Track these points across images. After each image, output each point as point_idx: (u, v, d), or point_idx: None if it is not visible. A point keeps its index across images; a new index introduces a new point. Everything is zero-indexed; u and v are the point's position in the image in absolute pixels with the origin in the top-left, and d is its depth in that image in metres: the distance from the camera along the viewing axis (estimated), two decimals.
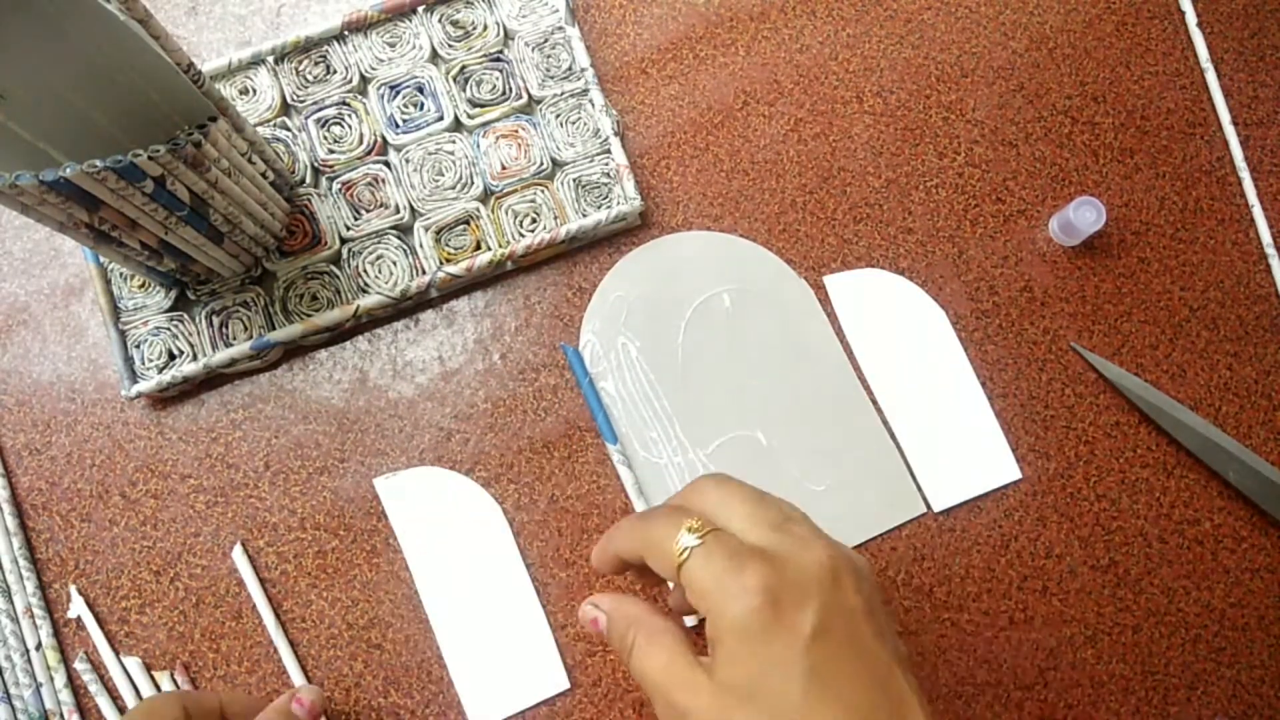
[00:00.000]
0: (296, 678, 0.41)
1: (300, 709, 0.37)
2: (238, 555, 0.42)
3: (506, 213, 0.45)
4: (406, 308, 0.45)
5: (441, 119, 0.45)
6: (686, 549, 0.29)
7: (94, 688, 0.41)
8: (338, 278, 0.44)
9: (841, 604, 0.29)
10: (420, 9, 0.46)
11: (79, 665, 0.41)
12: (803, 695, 0.27)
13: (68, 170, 0.31)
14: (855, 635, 0.29)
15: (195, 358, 0.43)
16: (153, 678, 0.41)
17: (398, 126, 0.46)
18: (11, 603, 0.42)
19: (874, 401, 0.44)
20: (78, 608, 0.41)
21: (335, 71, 0.46)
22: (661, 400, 0.44)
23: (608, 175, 0.45)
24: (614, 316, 0.45)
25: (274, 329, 0.43)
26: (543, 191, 0.45)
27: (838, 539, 0.32)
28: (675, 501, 0.32)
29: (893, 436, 0.44)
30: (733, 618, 0.28)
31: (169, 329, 0.44)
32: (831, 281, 0.45)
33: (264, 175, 0.42)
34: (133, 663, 0.41)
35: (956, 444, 0.44)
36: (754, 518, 0.31)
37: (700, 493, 0.32)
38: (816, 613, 0.28)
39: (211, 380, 0.44)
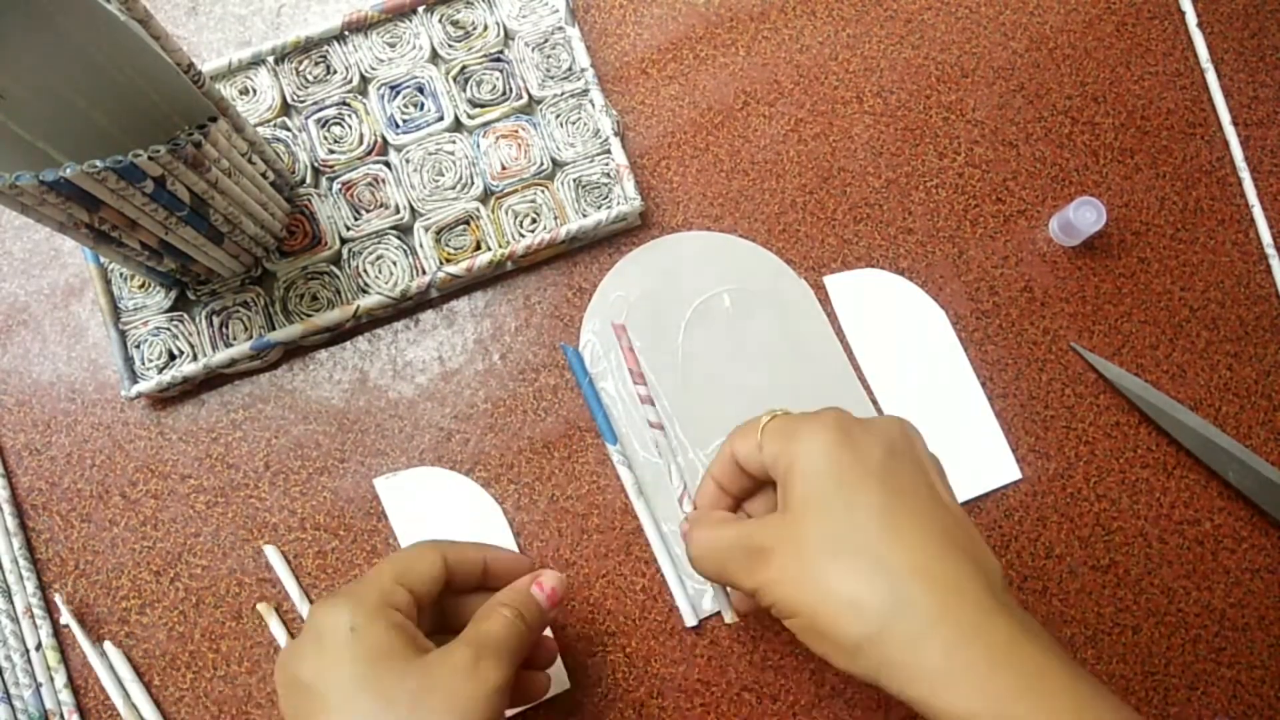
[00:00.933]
0: None
1: (540, 593, 0.35)
2: (271, 554, 0.42)
3: (506, 213, 0.45)
4: (406, 308, 0.45)
5: (441, 119, 0.45)
6: (770, 414, 0.33)
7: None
8: (338, 278, 0.44)
9: (913, 450, 0.31)
10: (420, 9, 0.46)
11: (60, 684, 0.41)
12: (880, 498, 0.29)
13: (68, 170, 0.31)
14: (926, 475, 0.31)
15: (195, 358, 0.43)
16: (144, 683, 0.41)
17: (398, 126, 0.46)
18: (11, 603, 0.42)
19: (874, 402, 0.44)
20: (67, 616, 0.41)
21: (335, 71, 0.46)
22: (661, 400, 0.44)
23: (608, 175, 0.45)
24: (614, 316, 0.45)
25: (274, 329, 0.43)
26: (543, 191, 0.45)
27: None
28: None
29: None
30: (809, 446, 0.30)
31: (169, 329, 0.44)
32: (831, 281, 0.45)
33: (264, 175, 0.42)
34: (123, 669, 0.41)
35: (956, 444, 0.44)
36: (829, 408, 0.33)
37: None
38: (888, 445, 0.30)
39: (211, 380, 0.44)
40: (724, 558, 0.32)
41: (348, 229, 0.44)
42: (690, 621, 0.41)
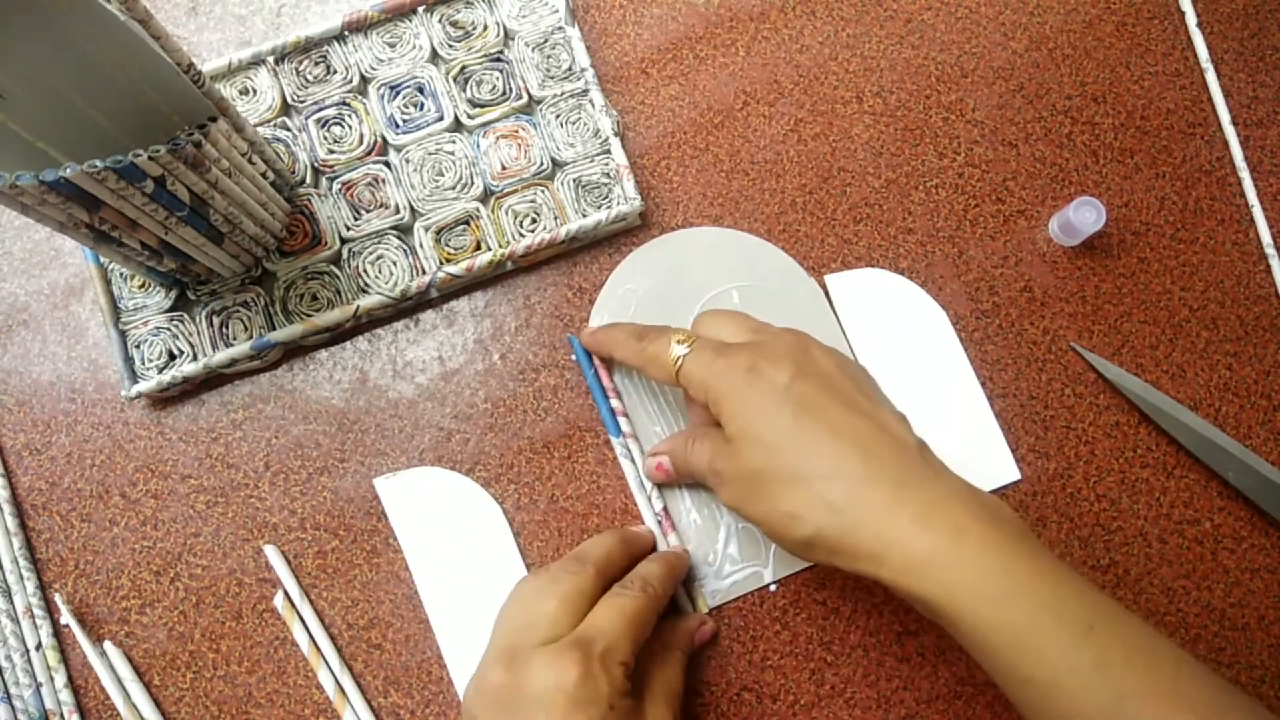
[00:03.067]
0: (330, 680, 0.41)
1: (701, 641, 0.41)
2: (271, 553, 0.42)
3: (506, 213, 0.45)
4: (406, 308, 0.45)
5: (441, 119, 0.45)
6: (679, 357, 0.36)
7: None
8: (338, 278, 0.44)
9: (812, 364, 0.35)
10: (420, 9, 0.46)
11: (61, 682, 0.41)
12: (790, 421, 0.33)
13: (68, 170, 0.31)
14: (829, 382, 0.35)
15: (195, 358, 0.43)
16: (144, 683, 0.41)
17: (398, 126, 0.46)
18: (11, 603, 0.42)
19: None
20: (67, 616, 0.41)
21: (335, 71, 0.46)
22: (667, 394, 0.44)
23: (608, 175, 0.45)
24: (622, 310, 0.45)
25: (274, 329, 0.43)
26: (543, 191, 0.45)
27: None
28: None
29: None
30: (725, 386, 0.34)
31: (169, 329, 0.44)
32: (833, 280, 0.45)
33: (264, 175, 0.42)
34: (123, 669, 0.41)
35: (956, 444, 0.44)
36: (735, 325, 0.38)
37: (695, 321, 0.40)
38: (789, 368, 0.34)
39: (211, 380, 0.44)
40: (704, 477, 0.37)
41: (348, 229, 0.44)
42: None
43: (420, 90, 0.46)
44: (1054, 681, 0.29)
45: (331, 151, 0.45)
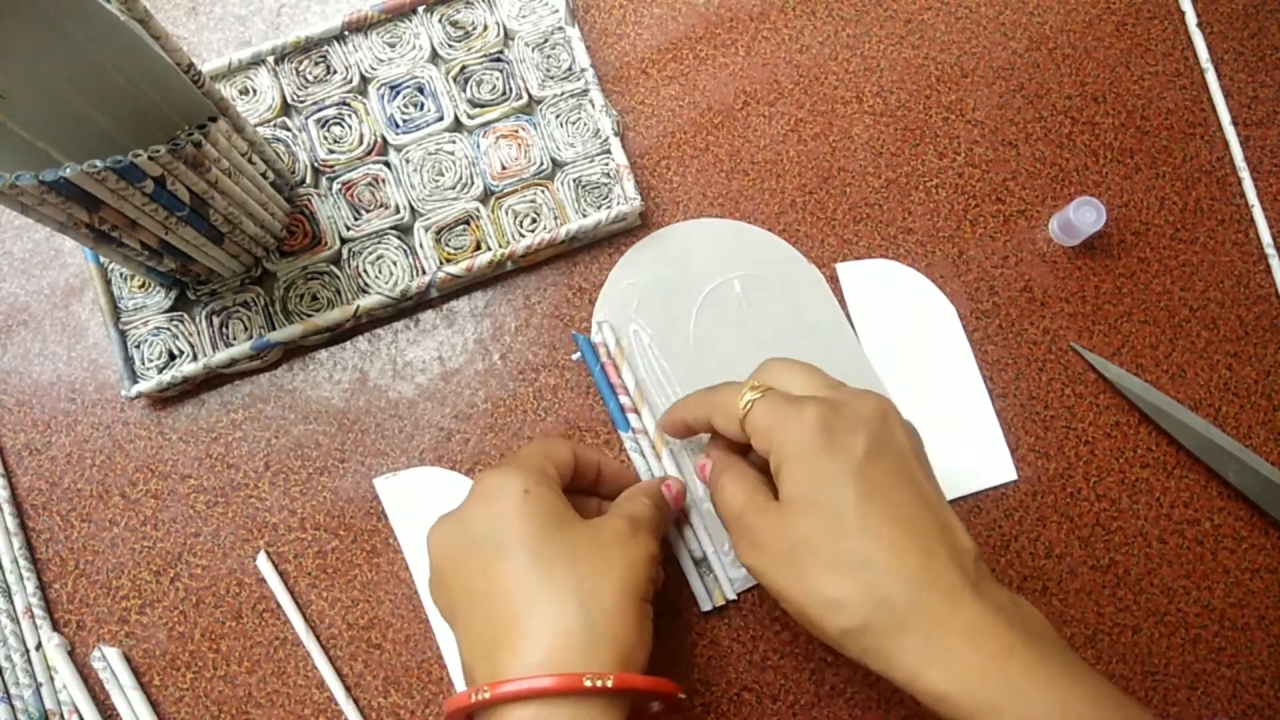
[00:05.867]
0: (331, 681, 0.41)
1: (669, 493, 0.39)
2: (263, 563, 0.42)
3: (506, 213, 0.45)
4: (406, 308, 0.45)
5: (441, 119, 0.45)
6: (749, 401, 0.34)
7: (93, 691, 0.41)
8: (338, 278, 0.44)
9: (891, 438, 0.33)
10: (420, 9, 0.46)
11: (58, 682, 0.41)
12: (856, 502, 0.31)
13: (68, 170, 0.31)
14: (904, 464, 0.33)
15: (195, 358, 0.43)
16: (143, 684, 0.41)
17: (398, 126, 0.46)
18: (11, 603, 0.42)
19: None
20: (113, 659, 0.41)
21: (335, 71, 0.46)
22: (674, 386, 0.44)
23: (608, 175, 0.45)
24: (625, 303, 0.45)
25: (274, 329, 0.43)
26: (543, 191, 0.45)
27: None
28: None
29: None
30: (793, 444, 0.32)
31: (169, 329, 0.44)
32: (844, 270, 0.45)
33: (264, 175, 0.42)
34: (123, 674, 0.41)
35: (956, 441, 0.44)
36: (810, 380, 0.35)
37: (763, 368, 0.37)
38: (867, 439, 0.32)
39: (211, 380, 0.44)
40: (728, 522, 0.35)
41: (348, 229, 0.44)
42: (705, 606, 0.41)
43: (420, 90, 0.46)
44: None
45: (331, 151, 0.45)
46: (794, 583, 0.31)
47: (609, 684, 0.30)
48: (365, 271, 0.44)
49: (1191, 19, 0.48)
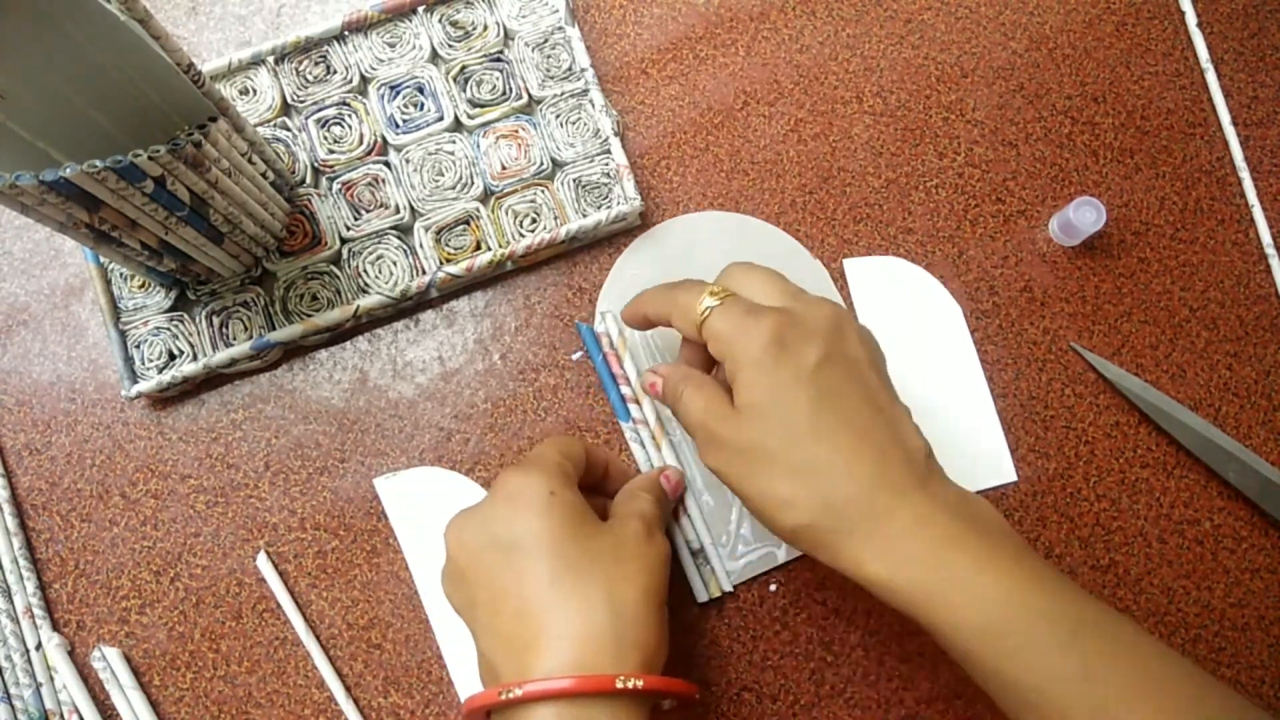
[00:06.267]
0: (331, 682, 0.41)
1: (667, 484, 0.40)
2: (263, 563, 0.42)
3: (506, 213, 0.45)
4: (406, 308, 0.45)
5: (441, 119, 0.45)
6: (708, 308, 0.35)
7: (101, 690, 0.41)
8: (338, 278, 0.44)
9: (844, 348, 0.34)
10: (420, 9, 0.46)
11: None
12: (809, 409, 0.32)
13: (68, 170, 0.31)
14: (856, 371, 0.34)
15: (195, 358, 0.43)
16: (142, 684, 0.41)
17: (398, 126, 0.46)
18: (11, 603, 0.42)
19: None
20: (112, 659, 0.41)
21: (335, 71, 0.46)
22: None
23: (608, 175, 0.45)
24: (629, 294, 0.45)
25: (274, 329, 0.43)
26: (543, 191, 0.45)
27: None
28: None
29: None
30: (748, 355, 0.33)
31: (169, 329, 0.44)
32: (851, 265, 0.45)
33: (264, 175, 0.42)
34: (123, 674, 0.41)
35: (956, 440, 0.43)
36: (769, 287, 0.36)
37: (725, 272, 0.37)
38: (820, 349, 0.33)
39: (211, 380, 0.44)
40: (689, 428, 0.36)
41: (348, 229, 0.44)
42: (701, 598, 0.41)
43: (420, 90, 0.46)
44: (1038, 686, 0.29)
45: (331, 151, 0.45)
46: (749, 483, 0.33)
47: (639, 685, 0.30)
48: (365, 271, 0.44)
49: (1191, 19, 0.48)
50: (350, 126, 0.46)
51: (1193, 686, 0.29)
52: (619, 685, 0.30)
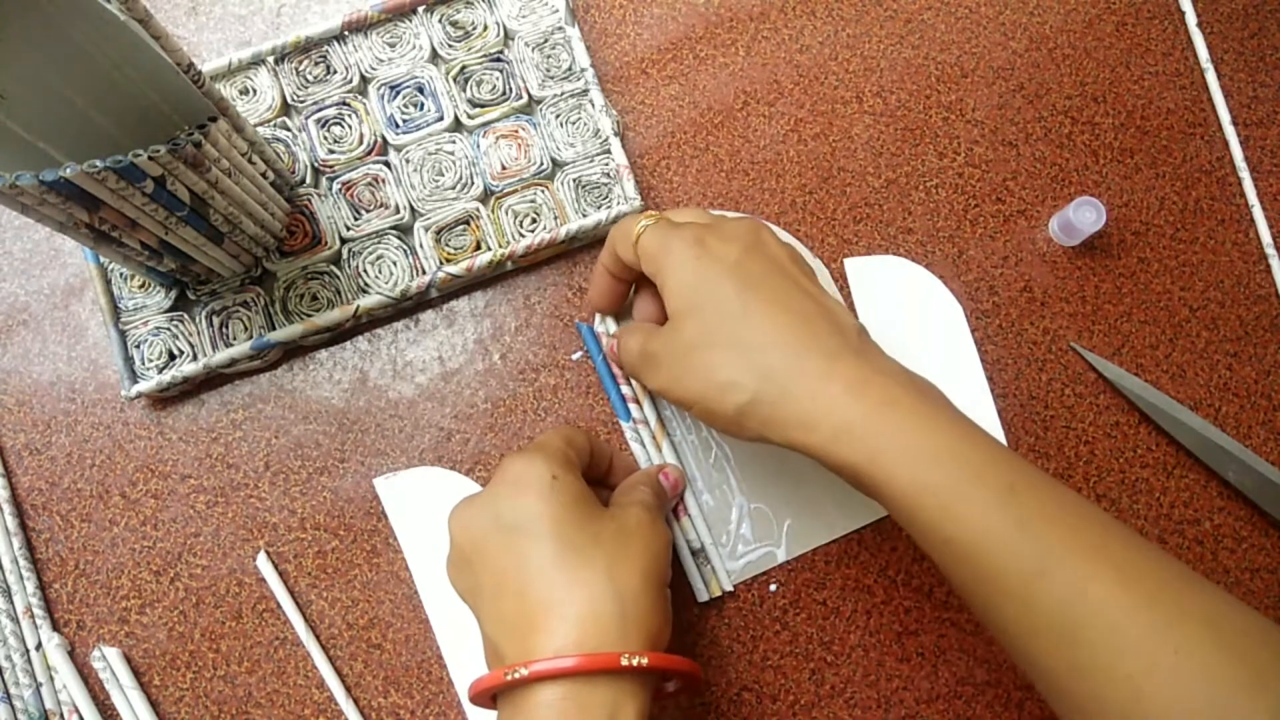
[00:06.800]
0: (331, 682, 0.41)
1: (666, 481, 0.41)
2: (263, 563, 0.42)
3: (506, 213, 0.45)
4: (406, 308, 0.45)
5: (441, 119, 0.45)
6: (643, 226, 0.37)
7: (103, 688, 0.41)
8: (338, 278, 0.44)
9: (763, 248, 0.36)
10: (420, 9, 0.46)
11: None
12: (736, 294, 0.34)
13: (68, 170, 0.31)
14: (779, 265, 0.35)
15: (195, 358, 0.43)
16: (142, 684, 0.41)
17: (398, 126, 0.46)
18: (11, 603, 0.42)
19: None
20: (112, 658, 0.41)
21: (335, 71, 0.46)
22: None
23: (608, 175, 0.45)
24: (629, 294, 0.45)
25: (274, 329, 0.43)
26: (543, 191, 0.45)
27: (843, 524, 0.41)
28: None
29: None
30: (673, 261, 0.35)
31: (169, 329, 0.44)
32: (852, 265, 0.45)
33: (264, 175, 0.42)
34: (123, 674, 0.41)
35: None
36: (696, 213, 0.38)
37: (664, 212, 0.39)
38: (739, 248, 0.35)
39: (211, 380, 0.44)
40: (635, 366, 0.38)
41: (348, 229, 0.44)
42: (702, 597, 0.41)
43: (420, 90, 0.46)
44: (975, 542, 0.29)
45: (331, 151, 0.45)
46: (691, 380, 0.34)
47: (644, 663, 0.30)
48: (365, 271, 0.44)
49: (1191, 19, 0.48)
50: (350, 126, 0.46)
51: (1129, 541, 0.29)
52: (624, 663, 0.30)
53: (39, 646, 0.41)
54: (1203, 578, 0.29)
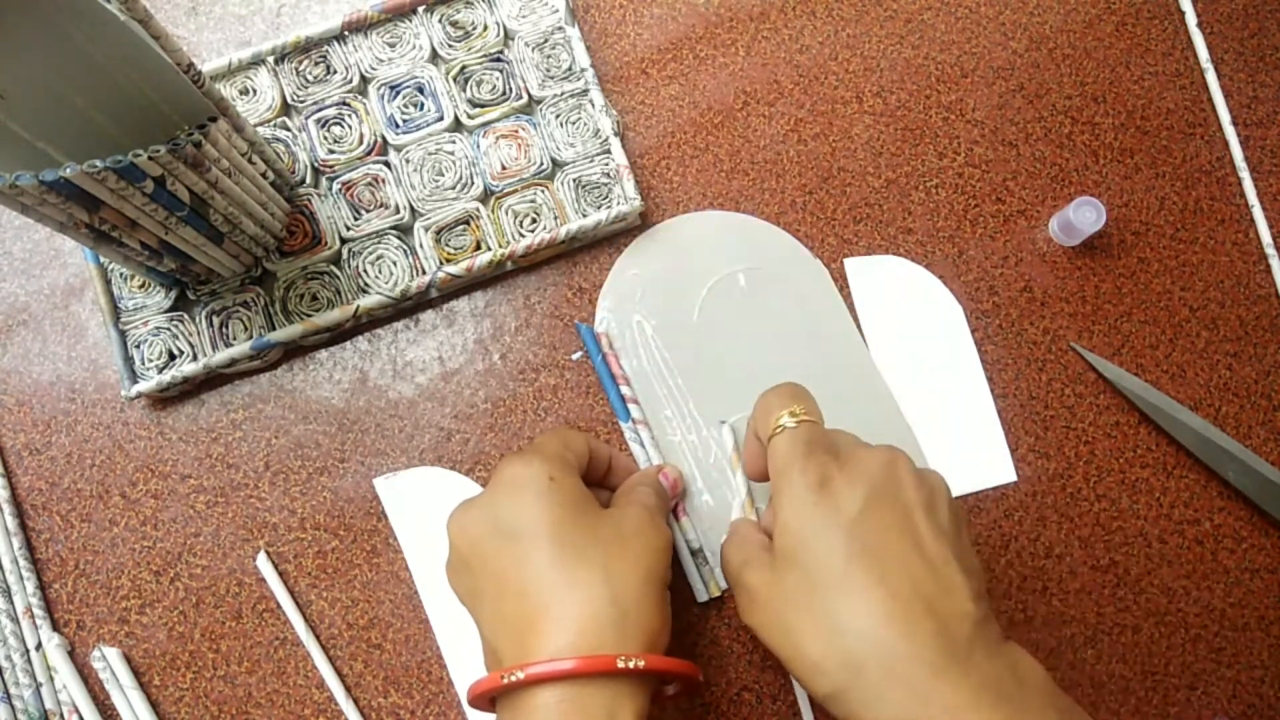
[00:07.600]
0: (331, 682, 0.41)
1: (666, 481, 0.40)
2: (263, 563, 0.42)
3: (506, 213, 0.45)
4: (406, 308, 0.45)
5: (441, 119, 0.45)
6: (781, 426, 0.34)
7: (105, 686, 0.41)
8: (338, 278, 0.44)
9: (895, 494, 0.32)
10: (420, 9, 0.46)
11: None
12: (843, 562, 0.30)
13: (68, 170, 0.31)
14: (906, 521, 0.31)
15: (195, 358, 0.43)
16: (142, 684, 0.41)
17: (398, 126, 0.46)
18: (11, 603, 0.42)
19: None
20: (112, 658, 0.41)
21: (335, 71, 0.46)
22: (676, 378, 0.44)
23: (608, 175, 0.45)
24: (629, 294, 0.45)
25: (274, 329, 0.43)
26: (543, 191, 0.45)
27: None
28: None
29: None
30: (792, 491, 0.32)
31: (169, 329, 0.44)
32: (852, 265, 0.45)
33: (264, 175, 0.42)
34: (123, 674, 0.41)
35: (957, 440, 0.44)
36: (840, 435, 0.35)
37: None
38: (864, 496, 0.31)
39: (211, 380, 0.44)
40: (731, 583, 0.35)
41: (348, 229, 0.44)
42: (701, 597, 0.41)
43: (420, 90, 0.46)
44: None
45: (331, 151, 0.45)
46: (782, 641, 0.31)
47: (641, 665, 0.30)
48: (365, 271, 0.44)
49: (1191, 19, 0.48)
50: (350, 126, 0.46)
51: None
52: (621, 665, 0.30)
53: (39, 646, 0.41)
54: None
